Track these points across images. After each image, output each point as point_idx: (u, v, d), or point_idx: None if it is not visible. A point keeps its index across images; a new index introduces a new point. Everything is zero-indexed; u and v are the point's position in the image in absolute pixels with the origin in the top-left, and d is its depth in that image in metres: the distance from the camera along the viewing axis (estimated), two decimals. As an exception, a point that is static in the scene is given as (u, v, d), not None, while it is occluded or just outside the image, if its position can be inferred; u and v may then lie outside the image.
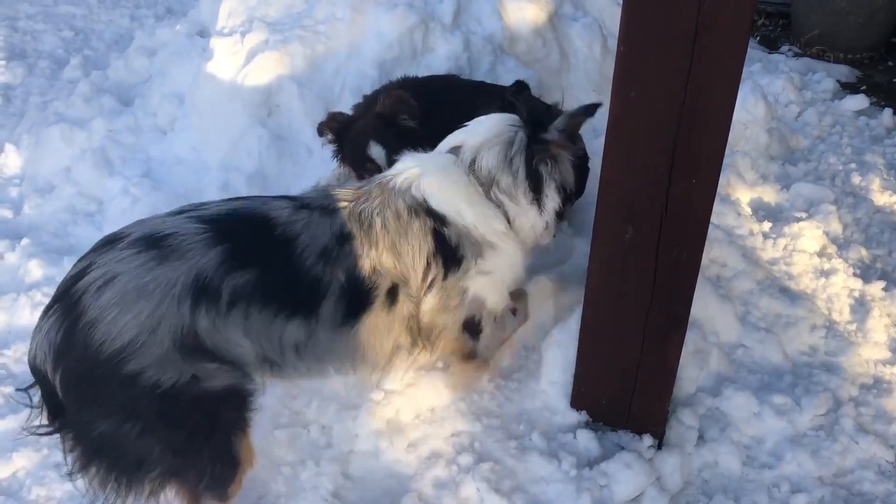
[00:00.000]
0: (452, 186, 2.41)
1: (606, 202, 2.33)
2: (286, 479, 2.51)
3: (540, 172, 2.46)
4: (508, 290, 2.62)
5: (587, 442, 2.65)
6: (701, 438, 2.74)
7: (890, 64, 5.98)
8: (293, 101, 3.76)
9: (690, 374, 2.90)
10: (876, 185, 4.20)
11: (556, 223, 2.85)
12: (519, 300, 2.81)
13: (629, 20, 2.05)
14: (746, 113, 4.39)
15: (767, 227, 3.70)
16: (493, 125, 2.51)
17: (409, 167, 2.44)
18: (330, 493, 2.48)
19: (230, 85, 3.84)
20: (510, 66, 3.81)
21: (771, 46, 6.26)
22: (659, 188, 2.23)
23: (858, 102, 5.08)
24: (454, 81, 3.49)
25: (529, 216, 2.50)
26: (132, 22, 6.26)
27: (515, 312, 2.79)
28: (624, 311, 2.49)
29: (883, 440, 2.78)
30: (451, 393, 2.73)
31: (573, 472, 2.53)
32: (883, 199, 4.13)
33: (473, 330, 2.56)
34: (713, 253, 3.37)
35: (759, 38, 6.42)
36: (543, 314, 3.04)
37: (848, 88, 5.47)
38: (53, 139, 4.16)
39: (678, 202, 2.24)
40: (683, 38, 2.01)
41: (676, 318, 2.47)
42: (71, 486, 2.47)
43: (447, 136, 2.64)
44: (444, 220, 2.37)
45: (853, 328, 3.25)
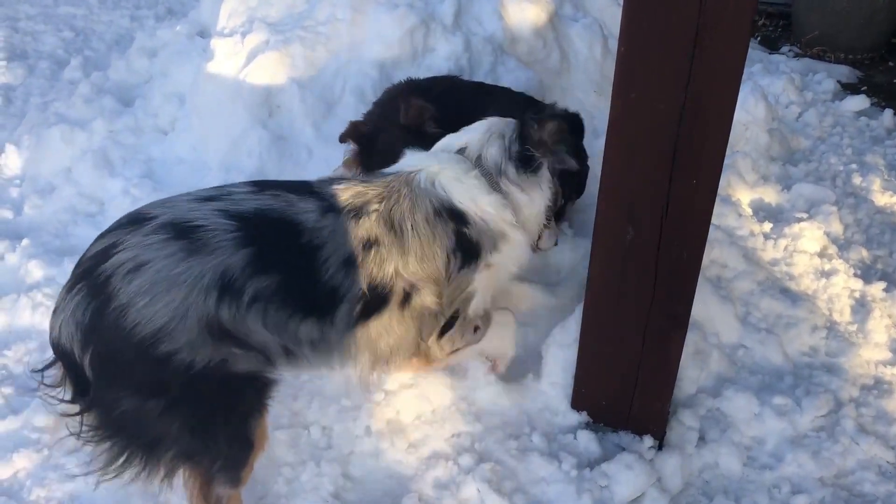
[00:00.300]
0: (469, 181, 2.52)
1: (607, 203, 2.33)
2: (287, 479, 2.51)
3: (534, 156, 2.58)
4: (497, 288, 2.69)
5: (588, 443, 2.65)
6: (701, 439, 2.74)
7: (890, 64, 5.99)
8: (294, 101, 3.76)
9: (691, 374, 2.90)
10: (877, 185, 4.20)
11: (557, 228, 2.86)
12: (483, 318, 2.79)
13: (630, 21, 2.05)
14: (747, 113, 4.39)
15: (768, 227, 3.70)
16: (489, 124, 2.65)
17: (426, 164, 2.52)
18: (330, 493, 2.48)
19: (231, 85, 3.84)
20: (511, 66, 3.81)
21: (771, 47, 6.27)
22: (659, 189, 2.23)
23: (859, 103, 5.09)
24: (457, 83, 3.49)
25: (534, 202, 2.63)
26: (133, 22, 6.26)
27: (477, 330, 2.75)
28: (624, 311, 2.49)
29: (884, 441, 2.77)
30: (451, 393, 2.73)
31: (574, 472, 2.53)
32: (884, 199, 4.13)
33: (448, 324, 2.60)
34: (714, 254, 3.37)
35: (759, 38, 6.42)
36: (543, 315, 3.03)
37: (848, 89, 5.47)
38: (54, 140, 4.16)
39: (679, 203, 2.24)
40: (684, 38, 2.01)
41: (677, 318, 2.47)
42: (72, 486, 2.49)
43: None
44: (465, 218, 2.47)
45: (854, 329, 3.25)
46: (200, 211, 2.15)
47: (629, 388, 2.61)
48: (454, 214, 2.46)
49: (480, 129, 2.64)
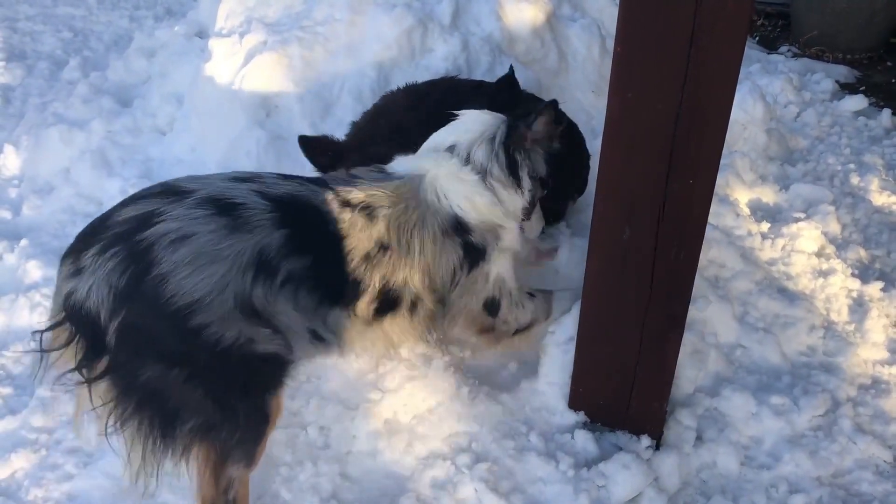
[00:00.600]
0: (465, 186, 2.61)
1: (604, 203, 2.34)
2: (284, 479, 2.51)
3: (516, 160, 2.71)
4: (517, 266, 2.78)
5: (585, 442, 2.65)
6: (699, 439, 2.74)
7: (889, 64, 5.99)
8: (291, 101, 3.76)
9: (689, 374, 2.90)
10: (875, 185, 4.20)
11: (540, 217, 3.06)
12: (541, 292, 2.92)
13: (626, 21, 2.06)
14: (745, 113, 4.39)
15: (766, 227, 3.70)
16: (479, 123, 2.74)
17: (426, 169, 2.59)
18: (328, 493, 2.48)
19: (229, 86, 3.85)
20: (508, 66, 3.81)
21: (770, 47, 6.27)
22: (657, 189, 2.23)
23: (857, 103, 5.08)
24: (455, 83, 3.48)
25: (514, 199, 2.72)
26: (131, 23, 6.26)
27: (533, 296, 2.85)
28: (622, 311, 2.49)
29: (881, 440, 2.77)
30: (448, 392, 2.73)
31: (571, 472, 2.53)
32: (881, 199, 4.13)
33: (493, 308, 2.70)
34: (711, 253, 3.37)
35: (758, 38, 6.42)
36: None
37: (847, 89, 5.47)
38: (52, 140, 4.17)
39: (676, 203, 2.24)
40: (681, 38, 2.02)
41: (674, 318, 2.47)
42: (69, 486, 2.49)
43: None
44: (468, 227, 2.56)
45: (851, 328, 3.25)
46: (238, 190, 2.22)
47: (626, 387, 2.61)
48: (459, 227, 2.56)
49: (473, 128, 2.71)
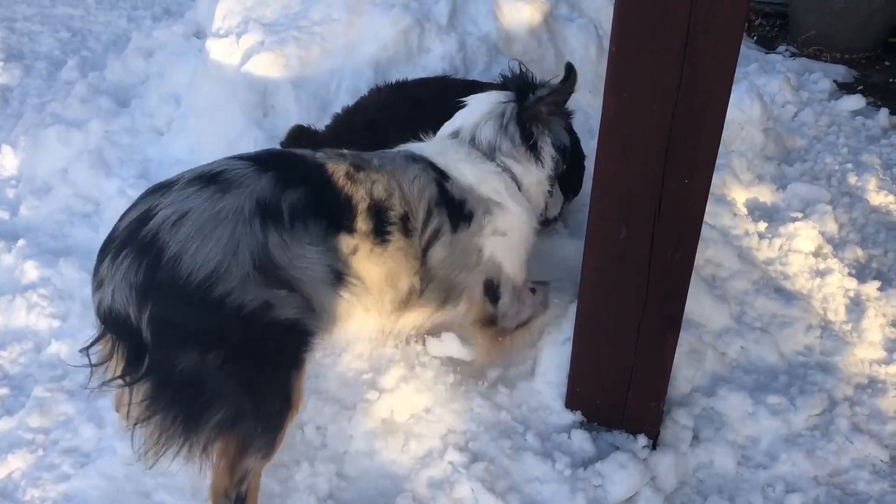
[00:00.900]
0: (453, 154, 2.64)
1: (600, 202, 2.34)
2: (281, 479, 2.51)
3: (533, 132, 2.73)
4: (523, 259, 2.76)
5: (582, 442, 2.65)
6: (696, 438, 2.74)
7: (887, 64, 6.00)
8: (289, 102, 3.76)
9: (685, 374, 2.91)
10: (872, 185, 4.20)
11: (560, 195, 3.01)
12: (539, 285, 2.90)
13: (622, 21, 2.06)
14: (742, 113, 4.40)
15: (763, 227, 3.70)
16: (484, 104, 2.76)
17: (420, 148, 2.65)
18: (325, 493, 2.48)
19: (226, 86, 3.85)
20: (506, 66, 3.81)
21: (768, 46, 6.27)
22: (653, 188, 2.23)
23: (855, 102, 5.09)
24: (448, 82, 3.47)
25: (533, 173, 2.74)
26: (129, 23, 6.26)
27: (535, 292, 2.85)
28: (618, 311, 2.49)
29: (878, 440, 2.78)
30: (445, 392, 2.73)
31: (568, 472, 2.53)
32: (879, 199, 4.13)
33: (493, 294, 2.68)
34: (708, 253, 3.37)
35: (756, 37, 6.43)
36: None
37: (845, 88, 5.48)
38: (50, 140, 4.16)
39: (672, 202, 2.24)
40: (676, 38, 2.02)
41: (671, 317, 2.47)
42: (66, 487, 2.49)
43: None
44: (444, 175, 2.56)
45: (848, 328, 3.26)
46: (216, 162, 2.29)
47: (623, 387, 2.61)
48: (433, 168, 2.56)
49: (477, 109, 2.75)
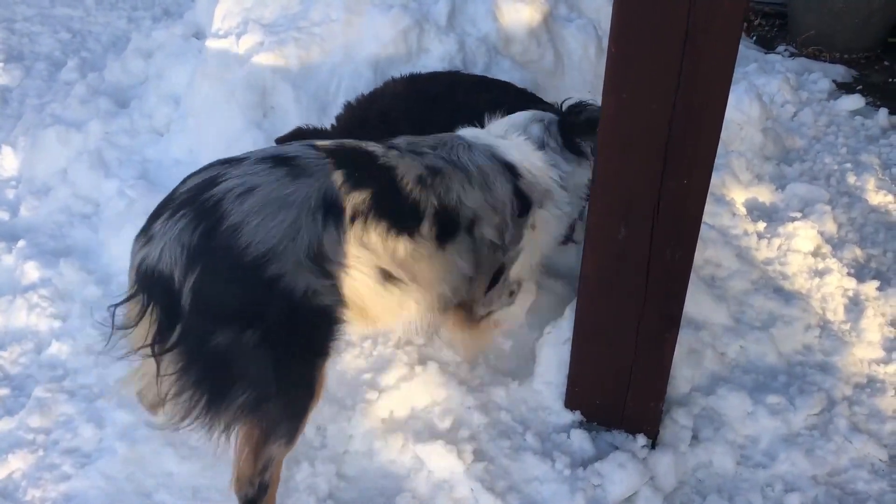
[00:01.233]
0: (516, 140, 2.76)
1: (600, 202, 2.34)
2: (281, 479, 2.51)
3: (573, 139, 2.85)
4: (534, 262, 2.83)
5: (581, 442, 2.65)
6: (695, 438, 2.75)
7: (886, 64, 6.00)
8: (288, 102, 3.76)
9: (684, 373, 2.91)
10: (871, 184, 4.21)
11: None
12: (517, 285, 2.90)
13: (621, 20, 2.06)
14: (742, 113, 4.41)
15: (762, 227, 3.71)
16: (525, 113, 2.89)
17: (476, 135, 2.75)
18: (325, 493, 2.48)
19: (226, 87, 3.84)
20: (505, 67, 3.82)
21: (767, 46, 6.28)
22: (651, 188, 2.24)
23: (854, 102, 5.09)
24: (458, 77, 3.48)
25: (577, 174, 2.84)
26: (129, 24, 6.26)
27: (511, 294, 2.86)
28: (618, 310, 2.50)
29: (876, 439, 2.78)
30: (444, 392, 2.73)
31: (567, 471, 2.54)
32: (878, 198, 4.14)
33: (494, 278, 2.71)
34: (708, 253, 3.38)
35: (755, 37, 6.43)
36: (537, 314, 3.04)
37: (844, 88, 5.48)
38: (50, 141, 4.16)
39: (671, 202, 2.25)
40: (675, 38, 2.02)
41: (670, 317, 2.48)
42: (66, 487, 2.49)
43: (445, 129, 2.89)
44: (516, 171, 2.67)
45: (847, 328, 3.26)
46: (290, 147, 2.31)
47: (622, 387, 2.62)
48: (507, 167, 2.65)
49: (519, 116, 2.86)
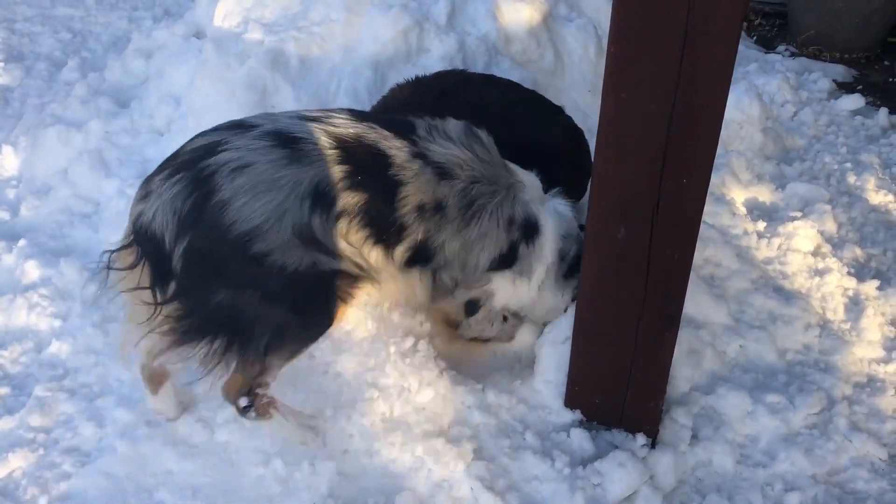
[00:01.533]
0: (557, 227, 2.74)
1: (599, 202, 2.34)
2: (280, 478, 2.51)
3: (570, 282, 2.84)
4: (513, 302, 2.82)
5: (581, 441, 2.65)
6: (695, 437, 2.75)
7: (886, 64, 6.00)
8: (288, 102, 3.76)
9: (684, 373, 2.91)
10: (871, 184, 4.21)
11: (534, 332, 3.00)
12: (515, 317, 2.93)
13: (620, 20, 2.06)
14: (742, 113, 4.41)
15: (762, 226, 3.71)
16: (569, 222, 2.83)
17: (536, 188, 2.71)
18: (324, 492, 2.48)
19: (226, 86, 3.84)
20: (505, 66, 3.82)
21: (767, 46, 6.27)
22: (651, 188, 2.24)
23: (854, 102, 5.08)
24: (464, 77, 3.47)
25: (549, 298, 2.85)
26: (130, 24, 6.25)
27: (506, 320, 2.88)
28: (617, 310, 2.50)
29: (876, 438, 2.79)
30: (444, 391, 2.74)
31: (567, 470, 2.54)
32: (878, 198, 4.14)
33: (471, 309, 2.76)
34: (707, 252, 3.38)
35: (755, 37, 6.43)
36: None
37: (844, 88, 5.48)
38: (50, 141, 4.17)
39: (670, 202, 2.25)
40: (674, 38, 2.02)
41: (670, 317, 2.48)
42: (67, 486, 2.50)
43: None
44: (533, 239, 2.66)
45: (847, 327, 3.26)
46: (304, 126, 2.31)
47: (622, 386, 2.62)
48: (528, 229, 2.64)
49: (570, 228, 2.82)
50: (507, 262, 2.66)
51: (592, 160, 3.42)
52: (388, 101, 3.35)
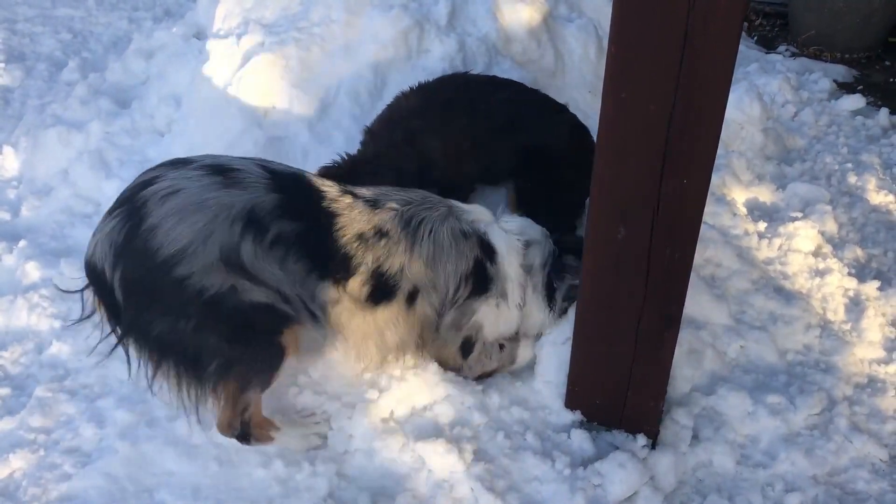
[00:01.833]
0: (510, 240, 2.74)
1: (599, 202, 2.34)
2: (281, 479, 2.51)
3: (554, 286, 2.82)
4: (503, 328, 2.81)
5: (581, 441, 2.65)
6: (695, 438, 2.75)
7: (887, 64, 6.00)
8: (288, 102, 3.76)
9: (685, 373, 2.91)
10: (871, 184, 4.20)
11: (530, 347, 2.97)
12: (511, 341, 2.90)
13: (620, 21, 2.06)
14: (742, 113, 4.41)
15: (763, 226, 3.71)
16: (540, 236, 2.85)
17: (481, 212, 2.75)
18: (325, 493, 2.48)
19: (226, 87, 3.85)
20: (505, 67, 3.82)
21: (768, 46, 6.27)
22: (651, 188, 2.24)
23: (855, 102, 5.08)
24: (467, 79, 3.46)
25: (535, 313, 2.83)
26: (130, 24, 6.25)
27: (503, 347, 2.86)
28: (617, 310, 2.49)
29: (877, 439, 2.79)
30: (444, 392, 2.73)
31: (567, 471, 2.54)
32: (878, 198, 4.13)
33: (466, 350, 2.74)
34: (708, 253, 3.38)
35: (756, 37, 6.43)
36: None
37: (845, 88, 5.47)
38: (51, 141, 4.17)
39: (670, 202, 2.24)
40: (674, 38, 2.02)
41: (670, 317, 2.47)
42: (67, 486, 2.50)
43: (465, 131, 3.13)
44: (492, 254, 2.66)
45: (848, 327, 3.26)
46: (241, 161, 2.35)
47: (623, 387, 2.62)
48: (484, 246, 2.64)
49: (534, 232, 2.83)
50: (482, 284, 2.65)
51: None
52: (393, 109, 3.33)
